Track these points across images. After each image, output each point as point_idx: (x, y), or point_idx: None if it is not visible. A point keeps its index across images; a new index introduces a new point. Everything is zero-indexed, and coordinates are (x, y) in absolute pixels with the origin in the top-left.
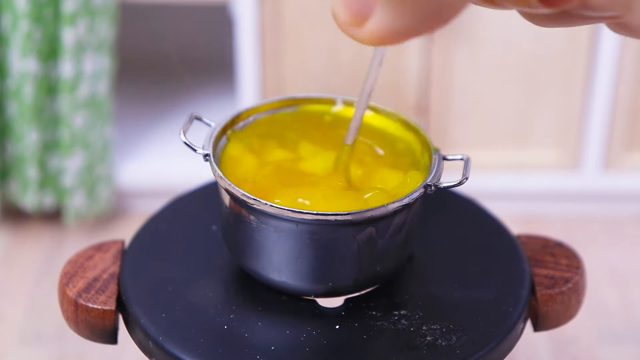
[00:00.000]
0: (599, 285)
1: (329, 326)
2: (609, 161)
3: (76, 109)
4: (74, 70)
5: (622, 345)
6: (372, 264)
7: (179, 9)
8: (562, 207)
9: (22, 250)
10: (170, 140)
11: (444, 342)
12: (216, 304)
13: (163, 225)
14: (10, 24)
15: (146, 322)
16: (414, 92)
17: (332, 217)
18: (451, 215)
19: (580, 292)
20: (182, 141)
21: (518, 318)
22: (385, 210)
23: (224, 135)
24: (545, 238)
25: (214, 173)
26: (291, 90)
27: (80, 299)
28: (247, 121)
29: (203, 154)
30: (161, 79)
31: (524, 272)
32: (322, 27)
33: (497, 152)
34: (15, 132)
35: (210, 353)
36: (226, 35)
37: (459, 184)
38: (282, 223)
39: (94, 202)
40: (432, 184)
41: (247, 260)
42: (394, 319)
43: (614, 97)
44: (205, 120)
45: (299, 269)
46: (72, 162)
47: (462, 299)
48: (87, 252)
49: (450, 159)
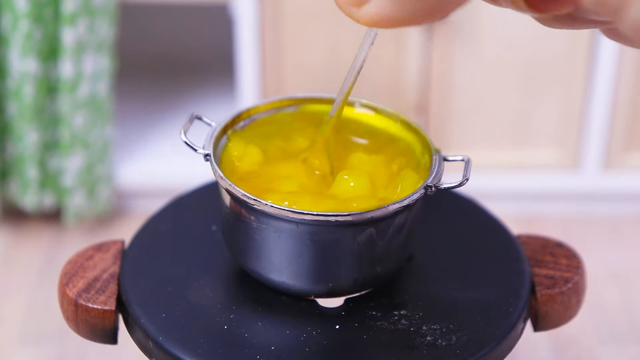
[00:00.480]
0: (599, 285)
1: (329, 326)
2: (609, 161)
3: (76, 109)
4: (74, 70)
5: (623, 345)
6: (372, 264)
7: (179, 9)
8: (562, 207)
9: (22, 250)
10: (170, 140)
11: (444, 342)
12: (216, 304)
13: (163, 225)
14: (10, 23)
15: (146, 322)
16: (414, 92)
17: (333, 217)
18: (451, 215)
19: (580, 292)
20: (183, 141)
21: (518, 318)
22: (385, 211)
23: (225, 135)
24: (545, 238)
25: (215, 173)
26: (291, 89)
27: (80, 299)
28: (247, 121)
29: (204, 154)
30: (161, 79)
31: (524, 272)
32: (322, 27)
33: (497, 152)
34: (15, 132)
35: (210, 353)
36: (226, 35)
37: (459, 185)
38: (283, 223)
39: (94, 202)
40: (432, 185)
41: (247, 260)
42: (394, 319)
43: (614, 96)
44: (206, 119)
45: (299, 269)
46: (72, 162)
47: (462, 299)
48: (87, 252)
49: (451, 160)
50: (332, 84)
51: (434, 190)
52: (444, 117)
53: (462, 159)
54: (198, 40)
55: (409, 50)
